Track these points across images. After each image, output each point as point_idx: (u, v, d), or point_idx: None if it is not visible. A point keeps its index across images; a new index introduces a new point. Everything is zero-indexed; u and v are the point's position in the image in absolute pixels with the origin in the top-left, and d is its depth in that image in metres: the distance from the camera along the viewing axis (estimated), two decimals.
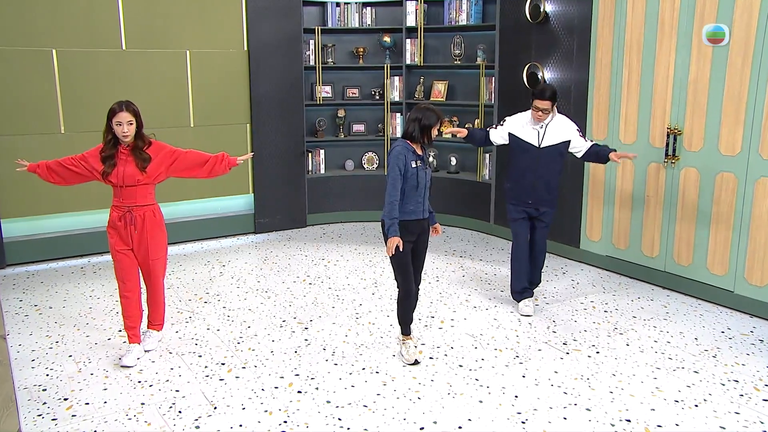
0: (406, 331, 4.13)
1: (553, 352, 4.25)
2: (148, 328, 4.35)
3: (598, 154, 4.73)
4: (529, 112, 4.72)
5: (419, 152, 3.97)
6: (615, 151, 4.70)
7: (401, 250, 3.86)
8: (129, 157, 3.91)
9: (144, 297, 4.28)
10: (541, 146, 4.69)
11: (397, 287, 4.08)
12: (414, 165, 3.89)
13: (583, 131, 5.81)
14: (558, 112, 4.79)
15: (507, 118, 4.88)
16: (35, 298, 5.26)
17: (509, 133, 4.80)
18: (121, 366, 4.05)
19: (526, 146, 4.72)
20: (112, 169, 3.89)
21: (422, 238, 4.08)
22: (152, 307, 4.31)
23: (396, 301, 4.15)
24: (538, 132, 4.69)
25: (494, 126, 4.93)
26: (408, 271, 4.00)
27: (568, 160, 5.96)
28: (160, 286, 4.21)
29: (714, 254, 5.03)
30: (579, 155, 4.79)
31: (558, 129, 4.71)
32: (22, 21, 5.82)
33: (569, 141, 4.72)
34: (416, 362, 4.08)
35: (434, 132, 3.97)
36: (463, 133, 4.83)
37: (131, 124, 3.88)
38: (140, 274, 4.14)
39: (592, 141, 4.84)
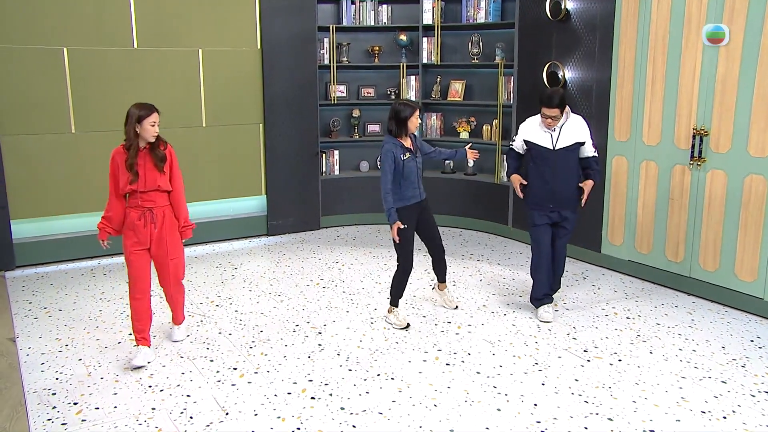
0: (395, 302, 4.74)
1: (574, 359, 4.22)
2: (174, 323, 4.53)
3: (586, 169, 4.81)
4: (539, 115, 4.72)
5: (408, 145, 4.55)
6: (590, 181, 4.76)
7: (403, 228, 4.48)
8: (147, 158, 4.03)
9: (150, 300, 4.30)
10: (556, 148, 4.68)
11: (397, 265, 4.67)
12: (403, 157, 4.51)
13: (605, 132, 5.79)
14: (573, 112, 4.79)
15: (520, 127, 4.92)
16: (45, 300, 5.30)
17: (524, 140, 4.83)
18: (132, 367, 4.09)
19: (542, 150, 4.72)
20: (137, 178, 3.99)
21: (424, 215, 4.71)
22: (173, 306, 4.46)
23: (392, 276, 4.74)
24: (551, 135, 4.69)
25: (512, 141, 5.00)
26: (409, 251, 4.61)
27: None
28: (181, 287, 4.38)
29: (742, 259, 4.97)
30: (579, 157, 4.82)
31: (573, 130, 4.70)
32: (33, 19, 5.88)
33: (583, 143, 4.73)
34: (408, 326, 4.69)
35: (413, 122, 4.48)
36: (519, 183, 4.88)
37: (159, 124, 4.09)
38: (151, 277, 4.21)
39: (596, 153, 4.85)
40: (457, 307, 5.08)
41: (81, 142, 6.21)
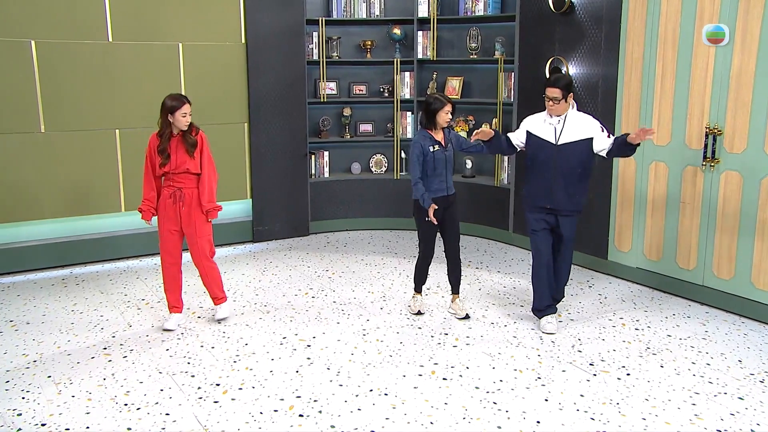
0: (417, 289, 5.21)
1: (579, 373, 4.21)
2: (215, 304, 5.04)
3: (620, 145, 4.61)
4: (546, 110, 4.77)
5: (438, 138, 4.90)
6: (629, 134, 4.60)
7: (427, 219, 4.85)
8: (179, 143, 4.71)
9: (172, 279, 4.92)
10: (559, 143, 4.69)
11: (418, 252, 5.12)
12: (432, 149, 4.85)
13: (611, 131, 5.78)
14: (578, 110, 4.80)
15: (525, 119, 4.96)
16: (11, 313, 5.25)
17: (527, 132, 4.85)
18: (164, 329, 4.84)
19: (543, 143, 4.75)
20: (168, 160, 4.70)
21: (450, 211, 4.99)
22: (208, 285, 4.97)
23: (414, 264, 5.20)
24: (555, 128, 4.71)
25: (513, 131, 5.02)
26: (431, 240, 5.04)
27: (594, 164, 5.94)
28: (211, 263, 4.93)
29: (759, 267, 4.97)
30: (604, 153, 4.71)
31: (577, 125, 4.70)
32: None
33: (591, 139, 4.68)
34: (420, 312, 5.16)
35: (442, 116, 4.85)
36: (489, 133, 4.86)
37: (190, 114, 4.75)
38: (182, 252, 4.88)
39: (614, 136, 4.74)
40: (468, 316, 5.11)
41: (51, 142, 6.17)
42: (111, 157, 6.44)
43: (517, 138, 4.92)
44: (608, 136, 4.69)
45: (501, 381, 4.11)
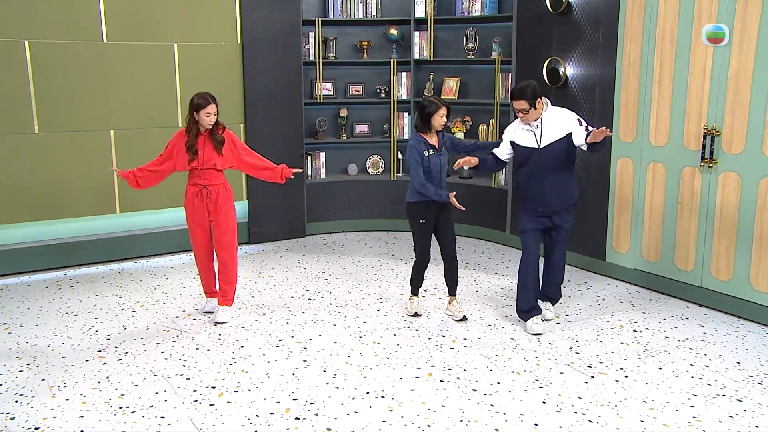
0: (414, 291, 5.22)
1: (577, 375, 4.21)
2: (219, 304, 5.11)
3: (589, 144, 4.55)
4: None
5: (433, 142, 4.91)
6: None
7: (422, 223, 4.96)
8: (207, 141, 4.88)
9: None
10: (542, 146, 4.69)
11: (414, 255, 5.13)
12: (427, 153, 4.87)
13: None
14: (553, 104, 4.78)
15: (505, 130, 4.96)
16: (4, 316, 5.23)
17: (510, 142, 4.87)
18: (203, 312, 5.21)
19: (527, 151, 4.76)
20: (196, 157, 4.86)
21: (445, 213, 5.01)
22: (224, 282, 5.08)
23: (411, 266, 5.20)
24: (534, 133, 4.71)
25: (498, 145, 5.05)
26: (426, 243, 5.06)
27: (589, 161, 5.94)
28: (234, 259, 5.09)
29: (758, 268, 4.97)
30: (585, 148, 4.63)
31: (556, 123, 4.69)
32: None
33: (570, 134, 4.65)
34: (417, 314, 5.17)
35: (437, 119, 4.85)
36: (474, 161, 4.93)
37: (216, 113, 4.87)
38: (213, 247, 5.08)
39: (590, 129, 4.64)
40: (465, 318, 5.10)
41: (45, 144, 6.15)
42: (105, 158, 6.42)
43: (504, 151, 4.94)
44: (586, 129, 4.63)
45: (498, 383, 4.10)
